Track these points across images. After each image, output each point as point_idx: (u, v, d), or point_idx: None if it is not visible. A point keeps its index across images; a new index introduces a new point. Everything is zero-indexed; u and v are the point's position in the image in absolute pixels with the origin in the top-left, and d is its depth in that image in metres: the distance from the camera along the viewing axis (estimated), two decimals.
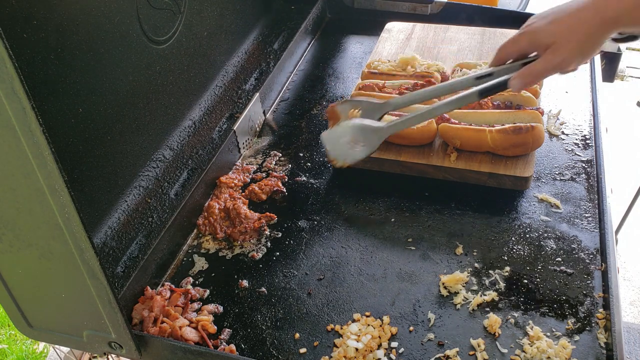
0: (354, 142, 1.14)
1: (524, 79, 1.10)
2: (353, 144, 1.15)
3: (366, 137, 1.15)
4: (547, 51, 1.06)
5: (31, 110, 0.74)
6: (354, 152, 1.16)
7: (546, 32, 1.07)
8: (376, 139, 1.16)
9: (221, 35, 1.66)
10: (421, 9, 2.02)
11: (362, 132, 1.14)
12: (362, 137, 1.15)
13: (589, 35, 1.03)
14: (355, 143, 1.15)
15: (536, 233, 1.31)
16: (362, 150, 1.16)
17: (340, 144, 1.17)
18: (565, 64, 1.06)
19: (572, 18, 1.04)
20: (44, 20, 1.01)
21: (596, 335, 1.10)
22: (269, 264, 1.31)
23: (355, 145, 1.15)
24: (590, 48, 1.04)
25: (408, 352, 1.11)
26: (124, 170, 1.29)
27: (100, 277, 0.94)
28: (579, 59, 1.06)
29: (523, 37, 1.12)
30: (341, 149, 1.17)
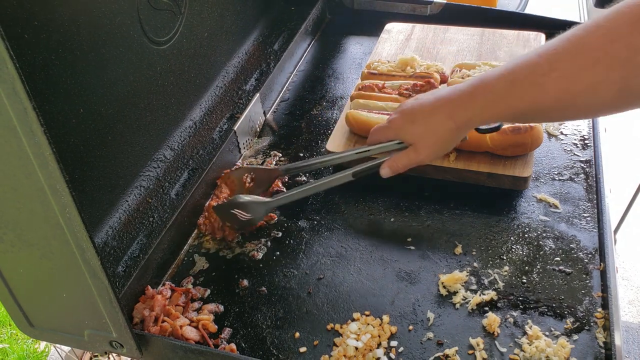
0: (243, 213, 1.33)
1: (392, 169, 1.24)
2: (242, 215, 1.33)
3: (253, 210, 1.33)
4: (409, 148, 1.19)
5: (32, 111, 0.74)
6: (243, 222, 1.34)
7: (408, 132, 1.18)
8: (263, 211, 1.35)
9: (221, 36, 1.66)
10: (420, 10, 2.02)
11: (250, 206, 1.33)
12: (249, 210, 1.33)
13: (443, 139, 1.14)
14: (243, 214, 1.33)
15: (535, 233, 1.32)
16: (251, 219, 1.35)
17: (230, 215, 1.34)
18: (426, 160, 1.19)
19: (428, 122, 1.14)
20: (45, 21, 1.01)
21: (595, 335, 1.10)
22: (269, 264, 1.32)
23: (243, 216, 1.33)
24: (445, 148, 1.18)
25: (407, 351, 1.12)
26: (124, 170, 1.30)
27: (101, 277, 0.94)
28: (437, 156, 1.20)
29: (390, 132, 1.23)
30: (232, 219, 1.35)
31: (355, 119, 1.49)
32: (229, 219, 1.36)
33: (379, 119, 1.45)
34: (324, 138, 1.63)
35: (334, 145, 1.51)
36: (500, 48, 1.80)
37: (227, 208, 1.35)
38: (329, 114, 1.75)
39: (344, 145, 1.51)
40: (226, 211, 1.35)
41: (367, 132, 1.48)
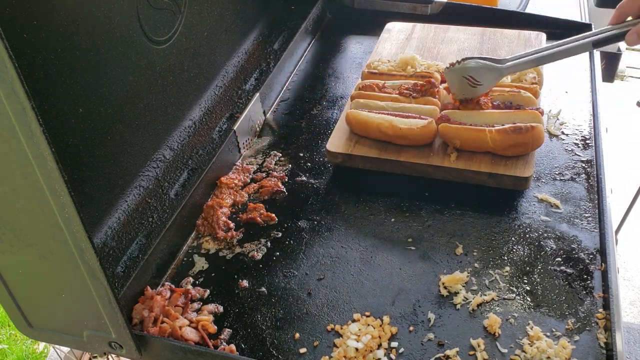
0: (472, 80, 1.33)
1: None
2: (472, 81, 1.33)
3: (484, 76, 1.32)
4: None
5: (31, 111, 0.74)
6: (471, 89, 1.34)
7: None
8: (493, 78, 1.33)
9: (221, 35, 1.66)
10: (421, 9, 2.02)
11: (481, 71, 1.32)
12: (481, 75, 1.32)
13: None
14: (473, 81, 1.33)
15: (536, 233, 1.31)
16: (480, 88, 1.34)
17: (460, 80, 1.35)
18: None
19: None
20: (44, 21, 1.01)
21: (596, 335, 1.10)
22: (269, 264, 1.31)
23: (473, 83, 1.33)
24: None
25: (408, 352, 1.11)
26: (124, 170, 1.29)
27: (101, 277, 0.94)
28: None
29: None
30: (460, 85, 1.36)
31: (356, 118, 1.49)
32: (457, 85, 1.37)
33: (379, 119, 1.45)
34: (324, 138, 1.63)
35: (334, 145, 1.50)
36: (501, 47, 1.80)
37: (459, 73, 1.36)
38: (329, 113, 1.74)
39: (344, 145, 1.50)
40: (456, 76, 1.36)
41: (367, 132, 1.49)
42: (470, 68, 1.36)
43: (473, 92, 1.40)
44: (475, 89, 1.38)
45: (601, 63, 1.80)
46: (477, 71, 1.36)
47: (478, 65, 1.36)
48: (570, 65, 1.78)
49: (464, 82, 1.38)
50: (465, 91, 1.41)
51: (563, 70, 1.77)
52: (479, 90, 1.39)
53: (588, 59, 1.79)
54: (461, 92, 1.42)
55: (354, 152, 1.48)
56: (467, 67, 1.37)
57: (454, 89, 1.43)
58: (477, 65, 1.36)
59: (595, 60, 1.75)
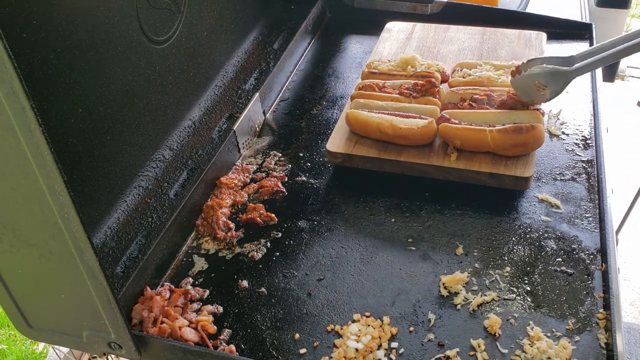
0: (541, 85, 1.31)
1: None
2: (540, 87, 1.31)
3: (552, 81, 1.30)
4: None
5: (30, 110, 0.73)
6: (540, 95, 1.33)
7: None
8: (562, 83, 1.31)
9: (221, 35, 1.66)
10: (421, 9, 2.02)
11: (549, 76, 1.30)
12: (548, 80, 1.30)
13: None
14: (542, 87, 1.31)
15: (536, 233, 1.31)
16: (549, 93, 1.32)
17: (528, 87, 1.33)
18: None
19: None
20: (43, 20, 1.00)
21: (596, 336, 1.10)
22: (269, 264, 1.31)
23: (542, 89, 1.31)
24: None
25: (408, 352, 1.11)
26: (123, 170, 1.29)
27: (100, 278, 0.94)
28: None
29: None
30: (529, 92, 1.35)
31: (356, 118, 1.48)
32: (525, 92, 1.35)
33: (379, 119, 1.45)
34: (324, 138, 1.63)
35: (334, 145, 1.50)
36: (502, 47, 1.79)
37: (526, 80, 1.34)
38: (329, 113, 1.74)
39: (344, 145, 1.50)
40: (524, 83, 1.34)
41: (367, 132, 1.49)
42: (538, 74, 1.34)
43: (542, 97, 1.37)
44: (545, 94, 1.36)
45: None
46: (544, 76, 1.33)
47: (545, 71, 1.33)
48: None
49: (532, 88, 1.36)
50: (534, 97, 1.38)
51: None
52: (548, 94, 1.36)
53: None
54: (530, 98, 1.39)
55: (354, 152, 1.48)
56: (534, 73, 1.35)
57: (524, 96, 1.40)
58: (543, 71, 1.33)
59: None
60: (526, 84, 1.36)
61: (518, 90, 1.40)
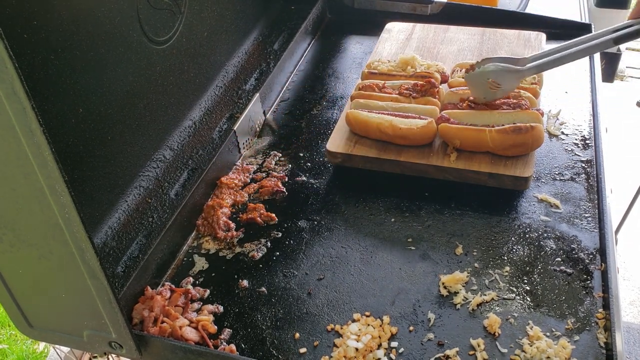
0: (494, 83, 1.34)
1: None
2: (493, 85, 1.34)
3: (505, 79, 1.33)
4: None
5: (31, 111, 0.74)
6: (492, 93, 1.36)
7: None
8: (514, 81, 1.34)
9: (221, 35, 1.66)
10: (421, 9, 2.02)
11: (502, 75, 1.33)
12: (502, 78, 1.33)
13: None
14: (495, 84, 1.34)
15: (536, 233, 1.31)
16: (500, 91, 1.35)
17: (481, 84, 1.36)
18: None
19: None
20: (44, 21, 1.01)
21: (596, 335, 1.10)
22: (269, 264, 1.31)
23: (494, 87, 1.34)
24: None
25: (408, 352, 1.11)
26: (124, 170, 1.29)
27: (101, 277, 0.94)
28: None
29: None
30: (482, 89, 1.38)
31: (356, 118, 1.49)
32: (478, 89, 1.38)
33: (379, 119, 1.45)
34: (324, 138, 1.63)
35: (334, 145, 1.50)
36: (501, 48, 1.80)
37: (479, 77, 1.37)
38: (329, 113, 1.74)
39: (344, 145, 1.50)
40: (477, 80, 1.37)
41: (367, 132, 1.49)
42: (491, 72, 1.37)
43: (494, 95, 1.41)
44: (496, 92, 1.39)
45: (601, 63, 1.80)
46: (497, 74, 1.36)
47: (498, 69, 1.36)
48: (570, 66, 1.78)
49: (485, 85, 1.39)
50: (486, 94, 1.41)
51: (563, 71, 1.77)
52: (500, 92, 1.40)
53: (588, 59, 1.79)
54: (482, 95, 1.42)
55: (354, 152, 1.48)
56: (488, 70, 1.37)
57: (475, 92, 1.44)
58: (497, 69, 1.36)
59: (595, 61, 1.75)
60: (479, 81, 1.39)
61: (471, 86, 1.43)
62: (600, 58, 1.79)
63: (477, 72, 1.40)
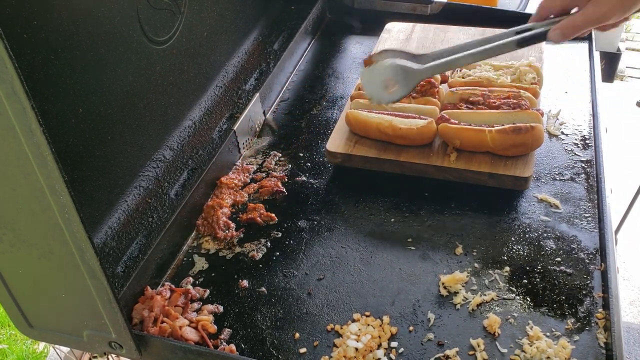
0: (391, 82, 1.17)
1: (564, 31, 1.08)
2: (390, 84, 1.17)
3: (403, 78, 1.17)
4: (589, 4, 1.03)
5: (31, 111, 0.74)
6: (389, 94, 1.19)
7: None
8: (412, 81, 1.17)
9: (221, 35, 1.66)
10: (421, 9, 2.02)
11: (400, 73, 1.17)
12: (399, 77, 1.17)
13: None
14: (391, 84, 1.17)
15: (536, 233, 1.31)
16: (397, 91, 1.18)
17: (376, 83, 1.19)
18: (606, 17, 1.01)
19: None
20: (44, 21, 1.01)
21: (596, 335, 1.10)
22: (269, 264, 1.31)
23: (391, 86, 1.17)
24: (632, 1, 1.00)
25: (408, 352, 1.11)
26: (124, 170, 1.29)
27: (100, 277, 0.94)
28: (620, 13, 1.00)
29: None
30: (377, 88, 1.20)
31: (356, 118, 1.49)
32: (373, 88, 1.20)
33: (379, 119, 1.45)
34: (324, 138, 1.63)
35: (334, 145, 1.50)
36: None
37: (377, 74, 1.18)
38: (329, 113, 1.74)
39: (344, 145, 1.50)
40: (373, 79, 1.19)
41: (367, 132, 1.49)
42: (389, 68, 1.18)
43: (387, 97, 1.22)
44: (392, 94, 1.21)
45: (601, 63, 1.80)
46: (396, 73, 1.18)
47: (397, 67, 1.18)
48: (570, 65, 1.78)
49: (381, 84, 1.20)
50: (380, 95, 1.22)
51: (563, 70, 1.77)
52: (395, 95, 1.21)
53: (588, 59, 1.79)
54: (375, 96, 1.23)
55: (353, 152, 1.48)
56: (386, 66, 1.19)
57: (369, 92, 1.24)
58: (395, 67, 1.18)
59: (595, 60, 1.75)
60: (376, 79, 1.20)
61: (366, 84, 1.24)
62: (600, 58, 1.79)
63: (375, 67, 1.20)
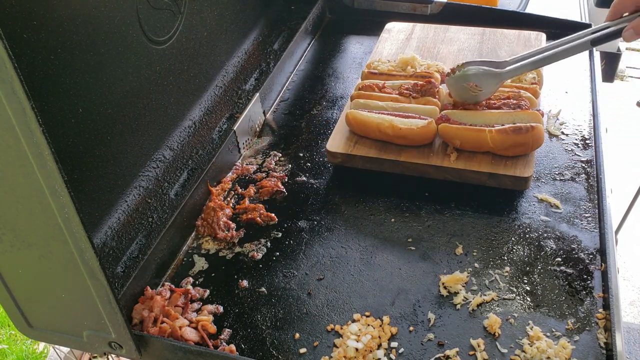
0: (474, 86, 1.37)
1: (637, 30, 1.12)
2: (473, 88, 1.37)
3: (486, 81, 1.36)
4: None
5: (31, 111, 0.74)
6: (474, 95, 1.39)
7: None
8: (494, 84, 1.37)
9: (221, 35, 1.66)
10: (421, 9, 2.02)
11: (483, 77, 1.36)
12: (482, 81, 1.36)
13: None
14: (475, 87, 1.37)
15: (536, 233, 1.31)
16: (481, 94, 1.38)
17: (462, 87, 1.40)
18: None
19: None
20: (44, 20, 1.01)
21: (596, 335, 1.10)
22: (269, 264, 1.31)
23: (475, 90, 1.37)
24: None
25: (408, 352, 1.11)
26: (124, 170, 1.29)
27: (100, 277, 0.94)
28: None
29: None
30: (462, 92, 1.41)
31: (356, 118, 1.49)
32: (457, 92, 1.41)
33: (379, 119, 1.45)
34: (324, 138, 1.63)
35: (334, 145, 1.50)
36: (501, 47, 1.80)
37: (460, 80, 1.39)
38: (329, 113, 1.74)
39: (344, 145, 1.50)
40: (458, 83, 1.40)
41: (367, 132, 1.49)
42: (471, 75, 1.39)
43: (475, 98, 1.43)
44: (477, 95, 1.41)
45: (601, 63, 1.80)
46: (478, 78, 1.39)
47: (479, 72, 1.38)
48: (570, 66, 1.78)
49: (466, 89, 1.41)
50: (467, 98, 1.44)
51: (563, 71, 1.77)
52: (481, 96, 1.42)
53: (588, 59, 1.79)
54: (463, 98, 1.45)
55: (353, 152, 1.48)
56: (468, 74, 1.40)
57: (456, 95, 1.46)
58: (477, 72, 1.38)
59: (595, 61, 1.75)
60: (460, 85, 1.42)
61: (452, 89, 1.46)
62: (600, 58, 1.79)
63: (457, 75, 1.42)
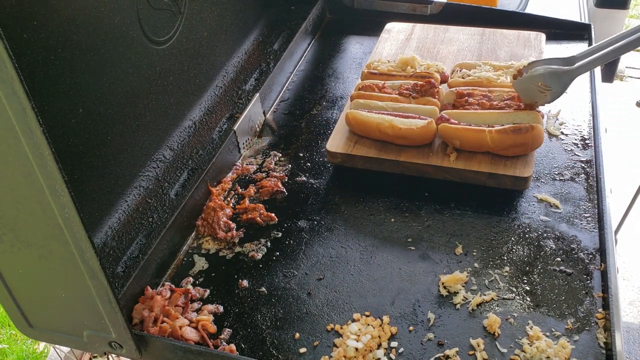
0: (544, 86, 1.32)
1: None
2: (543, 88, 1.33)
3: (555, 80, 1.31)
4: None
5: (31, 111, 0.74)
6: (542, 96, 1.35)
7: None
8: (565, 82, 1.32)
9: (221, 35, 1.66)
10: (421, 10, 2.02)
11: (551, 77, 1.31)
12: (551, 81, 1.32)
13: None
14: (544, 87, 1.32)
15: (535, 233, 1.31)
16: (551, 94, 1.34)
17: (530, 88, 1.34)
18: None
19: None
20: (44, 21, 1.01)
21: (595, 335, 1.10)
22: (269, 264, 1.31)
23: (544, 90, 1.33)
24: None
25: (408, 351, 1.11)
26: (124, 170, 1.29)
27: (101, 277, 0.94)
28: None
29: None
30: (531, 93, 1.37)
31: (356, 118, 1.49)
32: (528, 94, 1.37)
33: (379, 119, 1.45)
34: (324, 138, 1.63)
35: (334, 145, 1.51)
36: (501, 48, 1.80)
37: (528, 82, 1.35)
38: (329, 113, 1.74)
39: (344, 145, 1.50)
40: (526, 85, 1.36)
41: (367, 132, 1.49)
42: (539, 75, 1.35)
43: (545, 99, 1.38)
44: (547, 96, 1.37)
45: None
46: (547, 77, 1.34)
47: (547, 72, 1.34)
48: None
49: (535, 90, 1.37)
50: (537, 98, 1.39)
51: None
52: (552, 95, 1.37)
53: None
54: (533, 100, 1.40)
55: (353, 152, 1.48)
56: (536, 75, 1.35)
57: (525, 98, 1.41)
58: (545, 72, 1.34)
59: None
60: (528, 86, 1.37)
61: (520, 92, 1.41)
62: None
63: (525, 77, 1.37)
